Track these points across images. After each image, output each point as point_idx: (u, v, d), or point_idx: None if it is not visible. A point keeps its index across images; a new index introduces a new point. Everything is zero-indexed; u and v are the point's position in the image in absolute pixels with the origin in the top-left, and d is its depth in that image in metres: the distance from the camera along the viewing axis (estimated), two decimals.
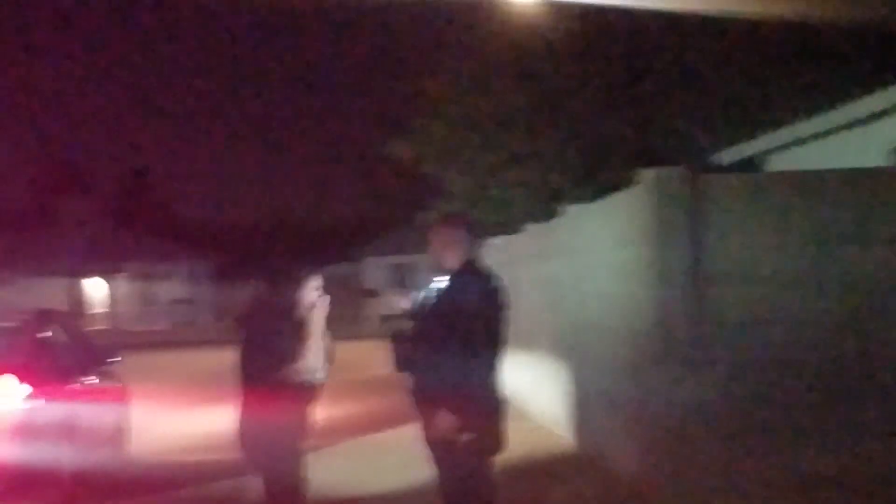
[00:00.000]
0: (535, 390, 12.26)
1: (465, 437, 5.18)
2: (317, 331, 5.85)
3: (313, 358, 5.81)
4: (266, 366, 5.69)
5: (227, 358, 6.06)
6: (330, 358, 6.07)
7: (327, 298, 5.97)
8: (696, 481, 7.22)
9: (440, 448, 5.33)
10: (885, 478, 7.09)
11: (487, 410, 5.32)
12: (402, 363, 5.53)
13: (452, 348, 5.23)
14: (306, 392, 5.85)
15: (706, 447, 7.25)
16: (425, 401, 5.39)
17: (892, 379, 7.23)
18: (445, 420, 5.20)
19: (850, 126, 11.75)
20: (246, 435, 5.84)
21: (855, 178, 7.65)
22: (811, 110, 13.37)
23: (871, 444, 7.17)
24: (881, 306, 7.26)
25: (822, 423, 7.20)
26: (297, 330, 5.80)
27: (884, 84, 11.29)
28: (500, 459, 5.56)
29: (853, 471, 7.12)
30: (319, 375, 5.88)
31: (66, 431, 8.82)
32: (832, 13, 15.08)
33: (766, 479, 7.17)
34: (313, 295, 5.94)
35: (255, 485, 6.09)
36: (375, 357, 5.91)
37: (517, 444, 5.59)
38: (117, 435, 10.23)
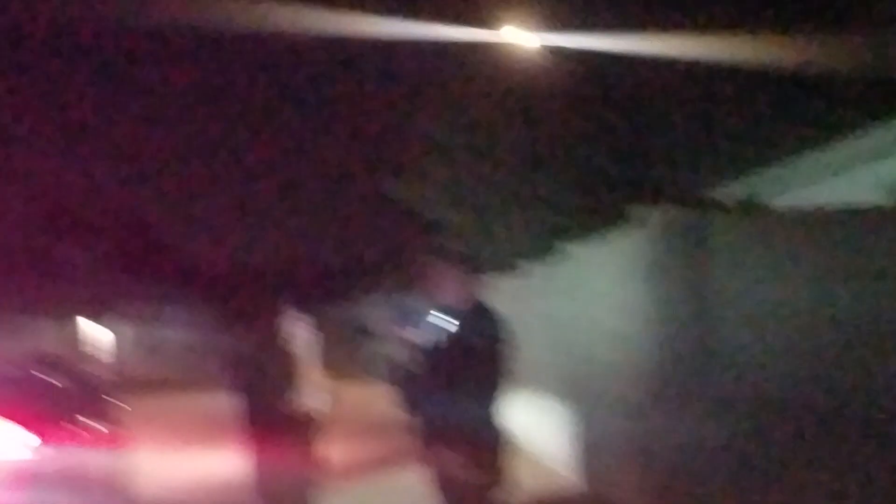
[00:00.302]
0: (537, 429, 12.23)
1: (470, 474, 5.19)
2: (307, 363, 5.87)
3: (307, 390, 5.82)
4: (262, 404, 5.71)
5: (228, 402, 6.08)
6: (329, 391, 6.07)
7: (313, 333, 6.00)
8: None
9: (446, 486, 5.33)
10: None
11: (493, 448, 5.33)
12: (408, 404, 5.54)
13: (457, 387, 5.24)
14: (307, 426, 5.85)
15: (710, 484, 7.24)
16: (431, 440, 5.39)
17: (894, 414, 7.23)
18: (451, 458, 5.20)
19: (850, 164, 11.82)
20: (252, 474, 5.85)
21: (855, 216, 7.69)
22: (811, 148, 13.44)
23: (875, 480, 7.17)
24: (882, 344, 7.27)
25: (829, 460, 7.20)
26: (285, 364, 5.82)
27: (882, 122, 11.37)
28: (505, 498, 5.55)
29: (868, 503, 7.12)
30: (318, 407, 5.88)
31: (74, 479, 8.78)
32: (830, 58, 15.20)
33: None
34: (300, 330, 5.97)
35: None
36: (376, 397, 5.92)
37: (522, 483, 5.58)
38: (123, 480, 10.18)
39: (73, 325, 46.17)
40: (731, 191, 14.68)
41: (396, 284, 46.74)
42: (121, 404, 10.24)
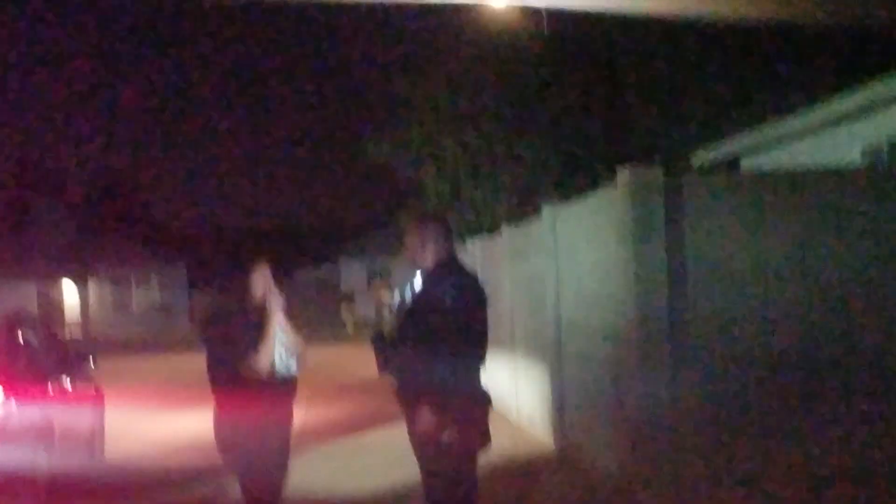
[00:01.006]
0: (514, 390, 12.25)
1: (448, 434, 5.17)
2: (276, 324, 5.80)
3: (277, 351, 5.76)
4: (230, 363, 5.65)
5: (199, 361, 6.02)
6: (300, 353, 6.00)
7: (282, 295, 5.91)
8: (678, 479, 7.23)
9: (424, 446, 5.31)
10: (866, 471, 7.12)
11: (470, 407, 5.31)
12: (385, 364, 5.51)
13: (433, 347, 5.22)
14: (276, 387, 5.80)
15: (687, 445, 7.26)
16: (409, 400, 5.38)
17: (872, 372, 7.26)
18: (428, 418, 5.18)
19: (826, 126, 11.82)
20: (221, 435, 5.79)
21: (831, 177, 7.69)
22: (788, 110, 13.43)
23: (854, 438, 7.20)
24: (858, 303, 7.29)
25: (803, 418, 7.23)
26: (255, 325, 5.75)
27: (859, 84, 11.36)
28: (482, 459, 5.54)
29: (835, 465, 7.15)
30: (285, 369, 5.82)
31: (41, 434, 8.73)
32: (807, 14, 15.16)
33: (748, 475, 7.18)
34: (269, 289, 5.89)
35: (233, 486, 6.04)
36: (353, 358, 5.87)
37: (498, 443, 5.57)
38: (92, 438, 10.14)
39: (44, 284, 45.92)
40: (708, 152, 14.69)
41: (374, 245, 46.89)
42: (90, 362, 10.16)
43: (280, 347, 5.79)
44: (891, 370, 7.28)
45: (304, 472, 8.40)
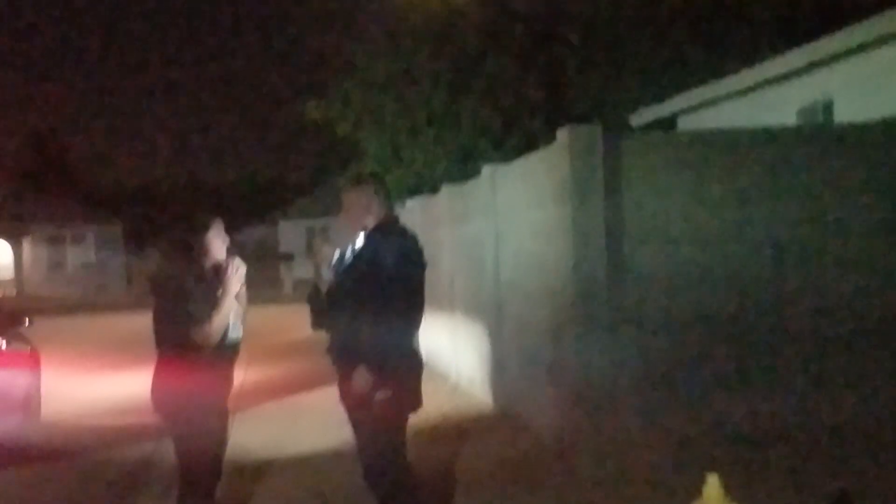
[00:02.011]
0: (453, 350, 12.29)
1: (381, 394, 5.17)
2: (232, 293, 5.75)
3: (221, 312, 5.70)
4: (179, 326, 5.58)
5: (136, 322, 5.95)
6: (243, 314, 5.97)
7: (243, 265, 5.86)
8: (615, 439, 7.32)
9: (356, 406, 5.32)
10: (802, 428, 7.27)
11: (404, 368, 5.31)
12: (318, 322, 5.50)
13: (368, 306, 5.21)
14: (222, 351, 5.75)
15: (625, 405, 7.35)
16: (342, 359, 5.37)
17: (807, 332, 7.39)
18: (361, 378, 5.18)
19: (761, 86, 11.94)
20: (160, 396, 5.73)
21: (766, 136, 7.78)
22: (724, 71, 13.55)
23: (788, 397, 7.34)
24: (796, 260, 7.41)
25: (740, 377, 7.35)
26: (211, 291, 5.69)
27: (793, 45, 11.49)
28: (418, 419, 5.56)
29: (773, 422, 7.29)
30: (233, 335, 5.79)
31: None
32: None
33: (685, 435, 7.29)
34: (228, 257, 5.83)
35: (170, 448, 6.01)
36: (291, 320, 5.85)
37: (435, 404, 5.60)
38: (28, 400, 10.01)
39: None
40: (646, 112, 14.77)
41: (313, 207, 46.63)
42: (23, 322, 10.01)
43: (233, 314, 5.75)
44: (825, 328, 7.43)
45: (241, 434, 8.38)
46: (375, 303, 5.20)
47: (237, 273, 5.75)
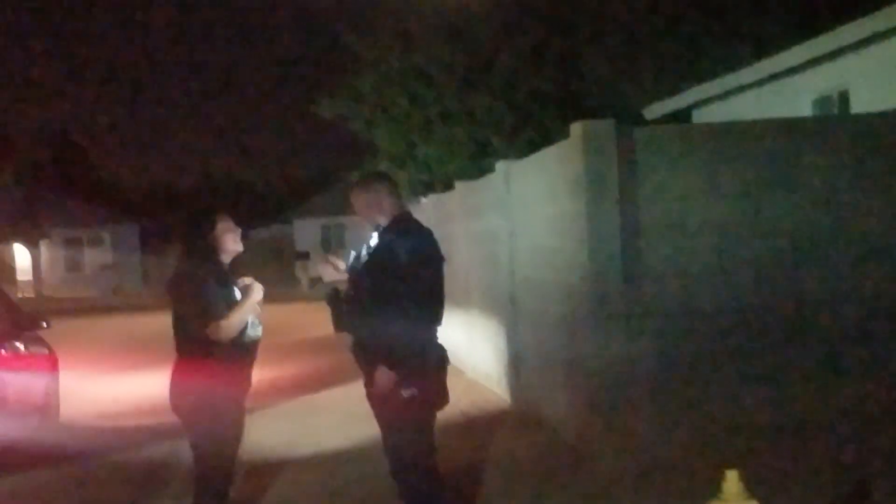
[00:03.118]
0: (469, 347, 12.28)
1: (406, 392, 5.17)
2: (254, 297, 5.78)
3: (239, 312, 5.71)
4: (196, 325, 5.59)
5: (153, 322, 5.96)
6: (261, 313, 5.97)
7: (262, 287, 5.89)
8: (633, 434, 7.29)
9: (382, 404, 5.31)
10: (820, 421, 7.22)
11: (427, 365, 5.31)
12: (341, 323, 5.49)
13: (385, 305, 5.20)
14: (240, 350, 5.76)
15: (642, 400, 7.31)
16: (366, 358, 5.36)
17: (824, 323, 7.34)
18: (384, 375, 5.18)
19: (776, 77, 11.88)
20: (178, 397, 5.74)
21: (781, 128, 7.72)
22: (739, 63, 13.48)
23: (806, 388, 7.29)
24: (813, 251, 7.36)
25: (760, 369, 7.31)
26: (228, 287, 5.71)
27: (808, 35, 11.42)
28: (439, 416, 5.55)
29: (790, 415, 7.24)
30: (252, 333, 5.80)
31: None
32: None
33: (704, 430, 7.25)
34: (232, 251, 5.85)
35: (187, 447, 6.01)
36: (308, 318, 5.84)
37: (452, 400, 5.58)
38: (46, 402, 10.04)
39: None
40: (660, 105, 14.71)
41: (329, 204, 46.66)
42: (41, 325, 10.04)
43: (252, 313, 5.76)
44: (844, 318, 7.37)
45: (257, 432, 8.39)
46: (392, 301, 5.19)
47: (258, 287, 5.79)
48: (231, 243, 5.80)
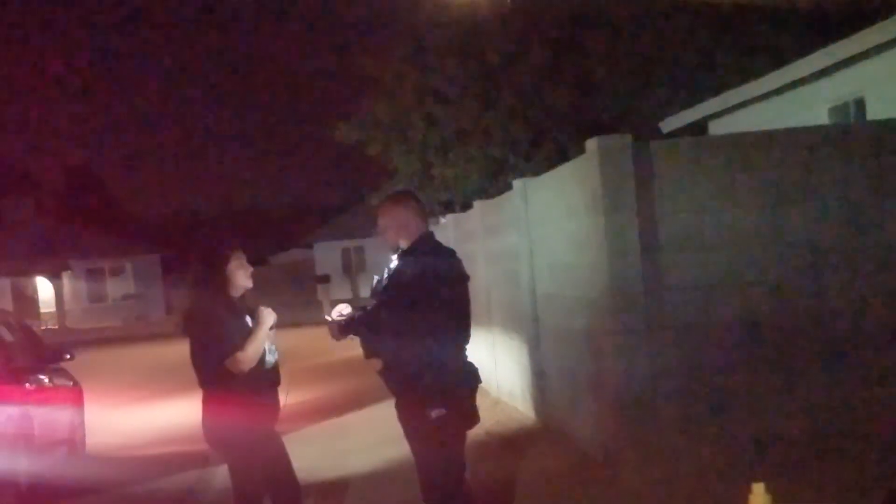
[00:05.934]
0: (493, 365, 12.27)
1: (435, 413, 5.16)
2: (266, 325, 5.81)
3: (259, 338, 5.75)
4: (214, 361, 5.63)
5: (176, 350, 5.99)
6: (277, 340, 6.02)
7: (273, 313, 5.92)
8: (658, 449, 7.25)
9: (413, 425, 5.31)
10: (846, 433, 7.16)
11: (455, 385, 5.30)
12: (370, 352, 5.47)
13: (408, 327, 5.20)
14: (262, 378, 5.79)
15: (667, 413, 7.28)
16: (394, 380, 5.36)
17: (847, 332, 7.30)
18: (414, 397, 5.18)
19: (791, 87, 11.86)
20: (212, 431, 5.78)
21: (798, 137, 7.70)
22: (753, 73, 13.47)
23: (831, 398, 7.25)
24: (833, 261, 7.32)
25: (783, 381, 7.27)
26: (241, 320, 5.75)
27: (822, 44, 11.40)
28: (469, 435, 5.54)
29: (815, 426, 7.19)
30: (270, 358, 5.83)
31: (20, 433, 8.67)
32: None
33: (729, 443, 7.22)
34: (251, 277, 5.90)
35: (218, 475, 6.04)
36: (329, 342, 5.84)
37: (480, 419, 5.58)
38: (73, 434, 10.09)
39: (19, 279, 45.59)
40: (676, 118, 14.70)
41: (349, 228, 46.78)
42: (65, 357, 10.09)
43: (266, 340, 5.80)
44: (866, 329, 7.33)
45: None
46: (415, 323, 5.19)
47: (270, 314, 5.82)
48: (242, 279, 5.85)
